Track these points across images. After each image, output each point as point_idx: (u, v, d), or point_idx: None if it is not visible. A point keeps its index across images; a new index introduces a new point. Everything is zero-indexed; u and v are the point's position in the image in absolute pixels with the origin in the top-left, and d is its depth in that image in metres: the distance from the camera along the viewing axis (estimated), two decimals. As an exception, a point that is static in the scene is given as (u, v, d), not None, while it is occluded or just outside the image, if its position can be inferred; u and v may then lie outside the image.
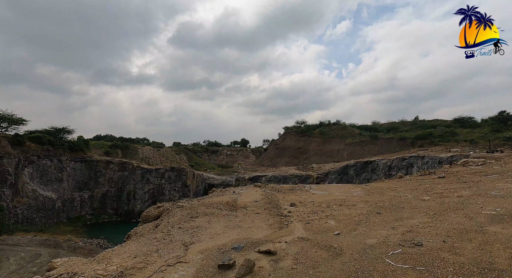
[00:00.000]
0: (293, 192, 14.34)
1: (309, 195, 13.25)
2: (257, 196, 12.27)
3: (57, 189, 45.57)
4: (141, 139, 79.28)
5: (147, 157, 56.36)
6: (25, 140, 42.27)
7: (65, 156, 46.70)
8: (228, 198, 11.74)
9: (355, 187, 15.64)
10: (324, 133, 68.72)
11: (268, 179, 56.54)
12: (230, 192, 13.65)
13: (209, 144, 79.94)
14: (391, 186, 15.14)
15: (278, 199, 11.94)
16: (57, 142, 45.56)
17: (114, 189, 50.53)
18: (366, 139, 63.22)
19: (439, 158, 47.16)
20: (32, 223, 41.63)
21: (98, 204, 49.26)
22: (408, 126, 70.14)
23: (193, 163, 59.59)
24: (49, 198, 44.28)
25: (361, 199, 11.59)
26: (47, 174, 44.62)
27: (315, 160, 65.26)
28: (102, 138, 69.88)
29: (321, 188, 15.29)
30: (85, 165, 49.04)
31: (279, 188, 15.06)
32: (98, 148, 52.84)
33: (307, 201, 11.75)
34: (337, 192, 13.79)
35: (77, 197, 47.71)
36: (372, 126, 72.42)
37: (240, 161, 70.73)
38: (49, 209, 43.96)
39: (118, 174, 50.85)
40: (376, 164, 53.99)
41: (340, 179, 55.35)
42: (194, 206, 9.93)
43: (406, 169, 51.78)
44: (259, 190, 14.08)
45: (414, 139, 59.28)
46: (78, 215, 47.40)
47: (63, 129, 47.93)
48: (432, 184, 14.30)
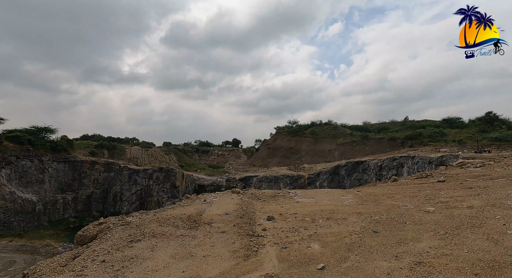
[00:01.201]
0: (275, 199, 12.22)
1: (293, 203, 11.14)
2: (230, 206, 10.15)
3: (37, 191, 42.56)
4: (130, 138, 76.24)
5: (135, 157, 53.62)
6: (2, 139, 39.26)
7: (47, 156, 43.71)
8: (194, 209, 9.58)
9: (346, 192, 13.60)
10: (315, 133, 66.98)
11: (259, 179, 54.46)
12: (200, 200, 11.47)
13: (200, 144, 77.34)
14: (387, 191, 13.12)
15: (254, 210, 9.81)
16: (38, 141, 42.56)
17: (100, 190, 47.72)
18: (357, 139, 61.78)
19: (429, 158, 45.87)
20: (10, 227, 38.64)
21: (82, 206, 46.39)
22: (398, 126, 69.05)
23: (183, 163, 57.06)
24: (29, 200, 41.26)
25: (353, 210, 9.50)
26: (27, 175, 41.59)
27: (307, 160, 63.44)
28: (90, 138, 66.72)
29: (307, 194, 13.23)
30: (68, 166, 46.10)
31: (259, 195, 12.95)
32: (83, 148, 49.91)
33: (289, 212, 9.62)
34: (325, 200, 11.72)
35: (60, 199, 44.78)
36: (363, 126, 71.04)
37: (232, 161, 68.41)
38: (29, 212, 40.95)
39: (104, 174, 48.05)
40: (367, 164, 52.43)
41: (331, 179, 53.60)
42: (143, 223, 7.74)
43: (396, 169, 50.44)
44: (236, 197, 11.95)
45: (404, 139, 58.13)
46: (61, 218, 44.48)
47: (45, 128, 44.91)
48: (433, 189, 12.32)
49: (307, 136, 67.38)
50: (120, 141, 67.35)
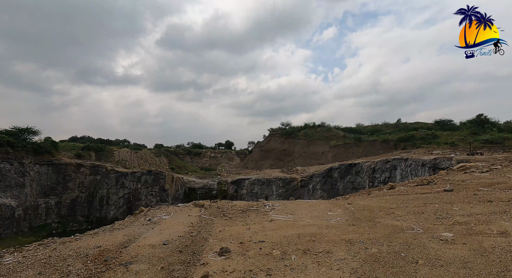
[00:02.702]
0: (244, 216, 9.42)
1: (265, 223, 8.35)
2: (179, 229, 7.39)
3: (17, 195, 39.23)
4: (121, 140, 72.94)
5: (123, 160, 50.45)
6: (-22, 141, 35.93)
7: (28, 158, 40.45)
8: (124, 235, 6.84)
9: (334, 205, 10.76)
10: (309, 135, 64.42)
11: (252, 182, 51.66)
12: (146, 219, 8.61)
13: (192, 146, 74.20)
14: (384, 204, 10.31)
15: (209, 236, 7.02)
16: (19, 143, 39.36)
17: (85, 194, 44.50)
18: (351, 141, 59.45)
19: (423, 160, 43.59)
20: (-15, 234, 35.17)
21: (66, 211, 43.10)
22: (391, 128, 66.94)
23: (174, 166, 53.97)
24: (7, 205, 37.92)
25: (342, 235, 6.69)
26: (6, 179, 38.32)
27: (300, 162, 60.71)
28: (78, 140, 63.39)
29: (286, 208, 10.43)
30: (52, 169, 42.85)
31: (227, 209, 10.18)
32: (69, 150, 46.69)
33: (255, 239, 6.79)
34: (307, 216, 8.93)
35: (42, 203, 41.44)
36: (356, 128, 68.69)
37: (224, 164, 65.41)
38: (7, 218, 37.58)
39: (90, 178, 44.85)
40: (360, 166, 49.94)
41: (324, 181, 50.98)
42: (19, 268, 4.77)
43: (389, 171, 48.05)
44: (195, 213, 9.19)
45: (397, 141, 56.11)
46: (43, 224, 41.14)
47: (27, 129, 41.68)
48: (441, 202, 9.54)
49: (300, 138, 64.75)
50: (110, 143, 64.11)
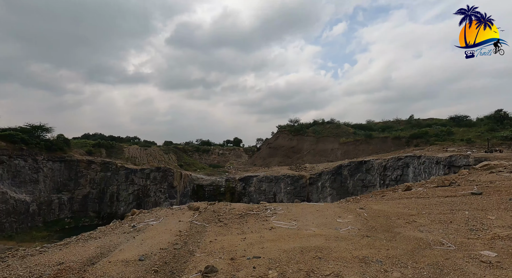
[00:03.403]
0: (241, 222, 8.17)
1: (264, 232, 7.07)
2: (164, 238, 6.25)
3: (32, 191, 39.54)
4: (131, 137, 73.06)
5: (133, 156, 50.27)
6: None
7: (42, 155, 40.64)
8: (97, 246, 5.74)
9: (344, 210, 9.31)
10: (317, 132, 62.42)
11: (260, 180, 50.48)
12: (130, 225, 7.50)
13: (201, 143, 73.54)
14: (402, 210, 8.80)
15: (196, 248, 5.83)
16: (33, 140, 39.55)
17: (96, 190, 44.54)
18: (361, 138, 57.12)
19: (437, 158, 41.12)
20: (2, 229, 35.81)
21: (78, 207, 43.26)
22: (403, 125, 64.04)
23: (182, 163, 53.45)
24: (22, 200, 38.25)
25: (354, 251, 5.32)
26: (20, 175, 38.62)
27: (308, 159, 58.98)
28: (91, 137, 63.87)
29: (290, 213, 9.07)
30: (64, 165, 43.01)
31: (224, 213, 8.95)
32: (80, 147, 46.80)
33: (249, 253, 5.50)
34: (313, 224, 7.59)
35: (55, 199, 41.70)
36: (366, 125, 66.10)
37: (232, 161, 64.46)
38: (22, 213, 37.94)
39: (101, 174, 44.83)
40: (370, 164, 47.85)
41: (333, 179, 49.18)
42: None
43: (401, 169, 45.73)
44: (187, 218, 8.03)
45: (409, 138, 53.46)
46: (56, 219, 41.43)
47: (40, 127, 41.87)
48: (472, 208, 7.99)
49: (309, 135, 62.88)
50: (120, 140, 64.32)
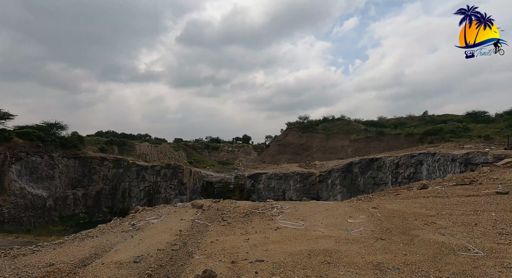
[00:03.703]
0: (246, 221, 7.69)
1: (269, 232, 6.57)
2: (163, 238, 5.88)
3: (48, 187, 40.61)
4: (143, 135, 74.11)
5: (144, 154, 50.82)
6: (12, 135, 37.45)
7: (57, 152, 41.64)
8: (93, 246, 5.46)
9: (356, 209, 8.65)
10: (327, 129, 61.15)
11: (269, 177, 49.99)
12: (129, 224, 7.16)
13: (210, 140, 73.63)
14: (420, 210, 8.08)
15: (194, 251, 5.40)
16: (48, 137, 40.56)
17: (109, 186, 45.29)
18: (372, 135, 55.53)
19: (453, 155, 39.36)
20: (20, 223, 36.81)
21: (92, 202, 44.18)
22: (416, 121, 61.80)
23: (192, 160, 53.62)
24: (39, 196, 39.32)
25: (367, 256, 4.76)
26: (37, 171, 39.69)
27: (318, 156, 57.97)
28: (104, 134, 65.09)
29: (298, 212, 8.51)
30: (78, 162, 43.94)
31: (229, 211, 8.50)
32: (94, 144, 47.66)
33: (252, 256, 5.04)
34: (322, 224, 7.02)
35: (70, 195, 42.70)
36: (378, 122, 64.20)
37: (242, 158, 64.22)
38: (39, 208, 39.03)
39: (113, 171, 45.55)
40: (382, 161, 46.46)
41: (344, 177, 48.09)
42: None
43: (415, 167, 44.15)
44: (190, 216, 7.66)
45: (423, 134, 51.55)
46: (72, 214, 42.45)
47: (55, 124, 42.87)
48: (498, 209, 7.22)
49: (318, 132, 61.73)
50: (132, 138, 65.26)
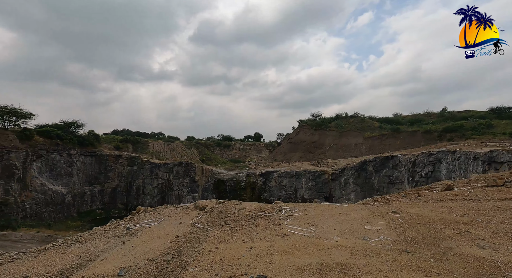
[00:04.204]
0: (250, 226, 6.89)
1: (275, 239, 5.74)
2: (157, 245, 5.23)
3: (67, 183, 41.66)
4: (156, 133, 74.91)
5: (157, 151, 51.21)
6: (33, 134, 38.62)
7: (75, 150, 42.59)
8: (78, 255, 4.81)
9: (373, 214, 7.60)
10: (340, 126, 59.23)
11: (280, 175, 49.03)
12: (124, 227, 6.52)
13: (222, 138, 73.39)
14: (449, 216, 6.97)
15: (188, 262, 4.72)
16: (67, 136, 41.57)
17: (124, 183, 45.95)
18: (387, 132, 53.19)
19: (475, 153, 36.85)
20: (41, 218, 37.99)
21: (108, 199, 45.01)
22: (434, 118, 58.75)
23: (204, 158, 53.51)
24: (59, 192, 40.41)
25: (391, 274, 3.77)
26: (57, 168, 40.78)
27: (331, 154, 56.31)
28: (119, 133, 66.32)
29: (308, 215, 7.58)
30: (95, 159, 44.84)
31: (233, 214, 7.72)
32: (109, 142, 48.43)
33: (254, 270, 4.29)
34: (335, 231, 6.12)
35: (88, 191, 43.64)
36: (393, 118, 61.52)
37: (253, 156, 63.54)
38: (59, 203, 40.14)
39: (127, 168, 46.15)
40: (398, 159, 44.41)
41: (357, 175, 46.38)
42: None
43: (433, 165, 41.90)
44: (191, 219, 6.89)
45: (441, 132, 48.85)
46: (89, 210, 43.43)
47: (73, 123, 43.82)
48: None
49: (331, 129, 59.95)
50: (146, 136, 66.12)
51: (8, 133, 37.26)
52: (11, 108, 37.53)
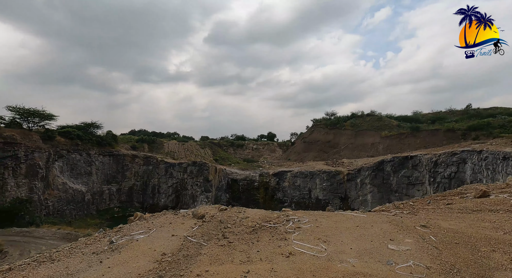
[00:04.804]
0: (251, 241, 5.83)
1: (278, 259, 4.68)
2: (135, 267, 4.39)
3: (86, 182, 42.66)
4: (172, 133, 75.62)
5: (172, 151, 51.45)
6: (55, 134, 39.86)
7: (94, 150, 43.51)
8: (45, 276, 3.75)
9: (397, 228, 6.22)
10: (356, 125, 56.76)
11: (294, 175, 47.68)
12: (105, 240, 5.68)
13: (235, 138, 72.78)
14: (494, 233, 5.57)
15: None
16: (86, 136, 42.51)
17: (140, 182, 46.49)
18: (406, 131, 50.31)
19: (504, 152, 33.89)
20: (63, 215, 39.08)
21: (125, 197, 45.71)
22: (458, 116, 54.83)
23: (218, 157, 53.12)
24: (79, 190, 41.43)
25: None
26: (77, 168, 41.82)
27: (346, 154, 54.11)
28: (137, 133, 67.54)
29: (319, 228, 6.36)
30: (112, 159, 45.69)
31: (235, 223, 6.68)
32: (126, 142, 49.17)
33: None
34: (351, 251, 4.91)
35: (106, 190, 44.48)
36: (412, 117, 58.15)
37: (266, 155, 62.44)
38: (79, 201, 41.17)
39: (143, 168, 46.62)
40: (418, 159, 41.76)
41: (374, 175, 44.10)
42: None
43: (457, 165, 38.97)
44: (184, 231, 5.92)
45: (466, 130, 45.45)
46: (107, 208, 44.32)
47: (92, 124, 44.80)
48: None
49: (346, 128, 57.61)
50: (162, 136, 66.89)
51: (32, 134, 38.53)
52: (35, 110, 38.77)
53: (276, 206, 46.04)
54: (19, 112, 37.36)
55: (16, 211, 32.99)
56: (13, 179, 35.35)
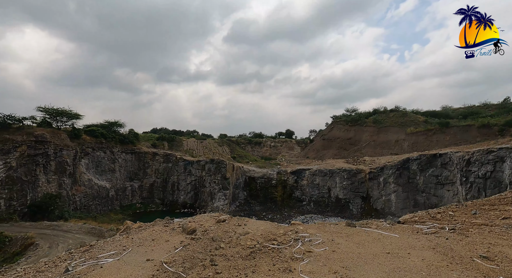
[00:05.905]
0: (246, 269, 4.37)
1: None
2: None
3: (110, 179, 43.68)
4: (191, 131, 75.88)
5: (191, 149, 51.36)
6: (81, 133, 41.18)
7: (117, 148, 44.53)
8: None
9: (443, 256, 4.28)
10: (379, 121, 53.01)
11: (313, 173, 45.52)
12: (61, 267, 4.42)
13: (253, 135, 71.41)
14: None
15: None
16: (109, 135, 43.44)
17: (160, 179, 46.91)
18: (434, 127, 46.14)
19: (550, 150, 29.09)
20: (89, 210, 40.31)
21: (146, 194, 46.34)
22: (493, 110, 49.19)
23: (235, 155, 52.26)
24: (103, 187, 42.48)
25: None
26: (101, 165, 42.90)
27: (368, 152, 50.81)
28: (158, 131, 68.54)
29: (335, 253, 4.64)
30: (134, 157, 46.48)
31: (229, 242, 5.14)
32: (147, 140, 49.79)
33: None
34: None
35: (128, 186, 45.32)
36: (441, 112, 53.31)
37: (284, 153, 60.54)
38: (104, 197, 42.25)
39: (163, 165, 46.93)
40: (448, 157, 37.85)
41: (399, 174, 40.77)
42: None
43: (493, 164, 34.97)
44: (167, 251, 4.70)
45: (504, 125, 41.02)
46: (130, 204, 45.22)
47: (115, 123, 45.70)
48: None
49: (368, 125, 54.08)
50: (181, 134, 67.36)
51: (61, 133, 39.96)
52: (63, 110, 40.12)
53: (294, 204, 44.22)
54: (48, 112, 38.88)
55: (47, 206, 34.30)
56: (44, 175, 36.84)
